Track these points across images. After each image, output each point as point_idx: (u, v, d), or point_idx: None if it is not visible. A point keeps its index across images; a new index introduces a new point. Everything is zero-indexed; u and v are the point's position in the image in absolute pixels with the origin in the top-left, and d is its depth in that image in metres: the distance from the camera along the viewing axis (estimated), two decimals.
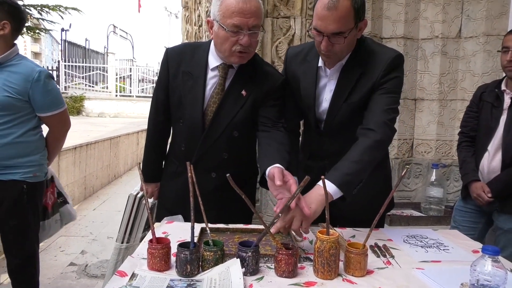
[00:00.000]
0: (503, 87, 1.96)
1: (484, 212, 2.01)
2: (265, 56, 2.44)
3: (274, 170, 1.24)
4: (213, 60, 1.53)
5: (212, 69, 1.53)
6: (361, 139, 1.33)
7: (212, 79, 1.53)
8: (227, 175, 1.00)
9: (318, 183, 1.23)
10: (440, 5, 2.77)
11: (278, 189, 1.23)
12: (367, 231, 1.09)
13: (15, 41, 1.93)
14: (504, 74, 1.99)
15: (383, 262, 1.15)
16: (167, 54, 1.60)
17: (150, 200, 1.86)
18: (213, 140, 1.53)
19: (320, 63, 1.47)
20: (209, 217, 1.32)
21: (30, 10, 9.94)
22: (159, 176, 1.78)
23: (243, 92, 1.51)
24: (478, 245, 1.33)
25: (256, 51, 2.37)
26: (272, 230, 1.13)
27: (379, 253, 1.21)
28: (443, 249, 1.28)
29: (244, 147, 1.59)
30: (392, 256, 1.19)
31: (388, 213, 2.56)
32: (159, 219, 1.82)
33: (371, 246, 1.25)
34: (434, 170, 2.61)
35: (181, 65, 1.56)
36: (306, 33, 2.46)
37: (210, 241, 1.06)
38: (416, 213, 2.63)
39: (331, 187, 1.21)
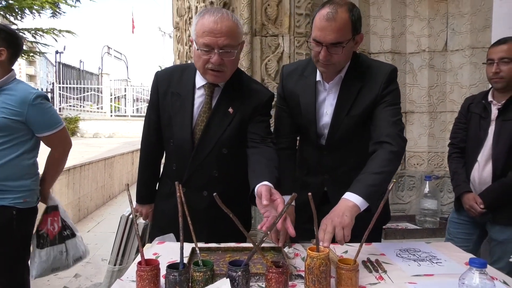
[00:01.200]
0: (490, 98, 1.98)
1: (477, 223, 2.01)
2: (255, 74, 2.47)
3: (261, 188, 1.25)
4: (200, 79, 1.56)
5: (199, 88, 1.56)
6: (378, 152, 1.36)
7: (199, 98, 1.56)
8: (214, 194, 1.00)
9: (343, 196, 1.26)
10: (426, 20, 2.83)
11: (265, 207, 1.23)
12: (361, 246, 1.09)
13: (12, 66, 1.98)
14: (490, 85, 2.03)
15: (375, 277, 1.14)
16: (157, 77, 1.64)
17: (143, 221, 1.85)
18: (203, 158, 1.54)
19: (318, 77, 1.50)
20: (203, 236, 1.32)
21: (24, 33, 10.05)
22: (153, 197, 1.78)
23: (230, 110, 1.53)
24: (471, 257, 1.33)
25: (245, 69, 2.42)
26: (325, 244, 1.13)
27: (371, 268, 1.20)
28: (436, 262, 1.27)
29: (234, 164, 1.59)
30: (385, 271, 1.18)
31: (383, 226, 2.56)
32: (152, 240, 1.80)
33: (363, 261, 1.24)
34: (427, 182, 2.62)
35: (170, 86, 1.59)
36: (295, 50, 2.50)
37: (199, 261, 1.05)
38: (411, 226, 2.63)
39: (357, 199, 1.23)
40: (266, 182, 1.29)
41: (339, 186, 1.42)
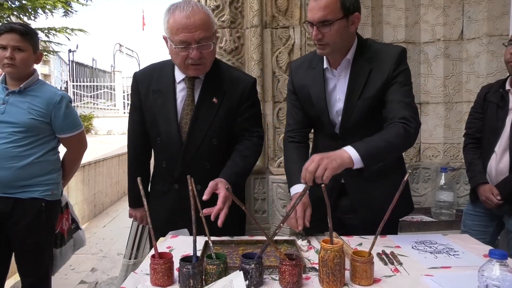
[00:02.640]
0: (507, 86, 1.93)
1: (494, 215, 1.96)
2: (266, 67, 2.45)
3: (211, 183, 1.37)
4: (179, 74, 1.57)
5: (179, 83, 1.57)
6: (393, 125, 1.35)
7: (181, 92, 1.57)
8: (227, 186, 1.00)
9: (344, 148, 1.26)
10: (441, 8, 2.76)
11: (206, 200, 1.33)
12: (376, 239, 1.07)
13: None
14: (508, 74, 1.97)
15: (391, 269, 1.13)
16: (136, 78, 1.66)
17: None
18: (194, 151, 1.55)
19: (325, 65, 1.50)
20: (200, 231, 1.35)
21: (38, 33, 10.17)
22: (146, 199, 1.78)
23: (214, 100, 1.53)
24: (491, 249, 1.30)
25: (256, 62, 2.40)
26: (309, 183, 1.16)
27: (386, 260, 1.19)
28: (453, 255, 1.25)
29: (225, 155, 1.58)
30: (400, 263, 1.17)
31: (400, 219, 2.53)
32: (151, 242, 1.82)
33: (378, 253, 1.22)
34: (443, 173, 2.58)
35: (150, 85, 1.60)
36: (306, 41, 2.46)
37: (212, 254, 1.05)
38: (426, 218, 2.59)
39: (355, 155, 1.23)
40: (220, 178, 1.40)
41: (356, 177, 1.40)
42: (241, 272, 0.99)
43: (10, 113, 1.85)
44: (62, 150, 2.10)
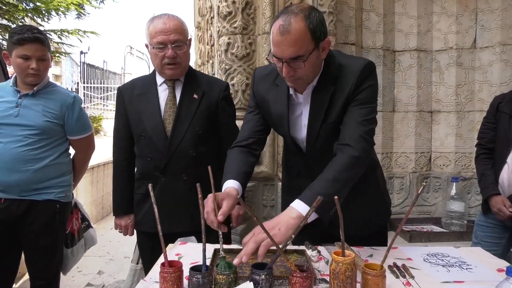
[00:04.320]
0: None
1: (507, 226, 1.93)
2: None
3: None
4: (160, 78, 1.76)
5: (161, 85, 1.75)
6: (337, 156, 1.24)
7: (163, 92, 1.75)
8: (238, 196, 0.99)
9: (291, 204, 1.14)
10: (453, 16, 2.74)
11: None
12: (384, 249, 1.06)
13: None
14: None
15: (403, 283, 1.11)
16: (120, 89, 1.84)
17: None
18: (179, 141, 1.68)
19: (291, 91, 1.37)
20: (186, 222, 1.53)
21: (51, 35, 10.30)
22: (130, 206, 1.82)
23: (195, 96, 1.73)
24: (503, 263, 1.27)
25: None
26: (236, 261, 1.04)
27: (398, 273, 1.17)
28: (466, 268, 1.23)
29: (209, 144, 1.74)
30: (412, 277, 1.15)
31: (408, 229, 2.50)
32: (142, 248, 1.87)
33: (389, 266, 1.20)
34: (454, 183, 2.55)
35: (134, 91, 1.78)
36: None
37: (224, 264, 1.04)
38: (437, 229, 2.56)
39: (305, 209, 1.10)
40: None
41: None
42: (251, 282, 0.98)
43: (25, 116, 1.86)
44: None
